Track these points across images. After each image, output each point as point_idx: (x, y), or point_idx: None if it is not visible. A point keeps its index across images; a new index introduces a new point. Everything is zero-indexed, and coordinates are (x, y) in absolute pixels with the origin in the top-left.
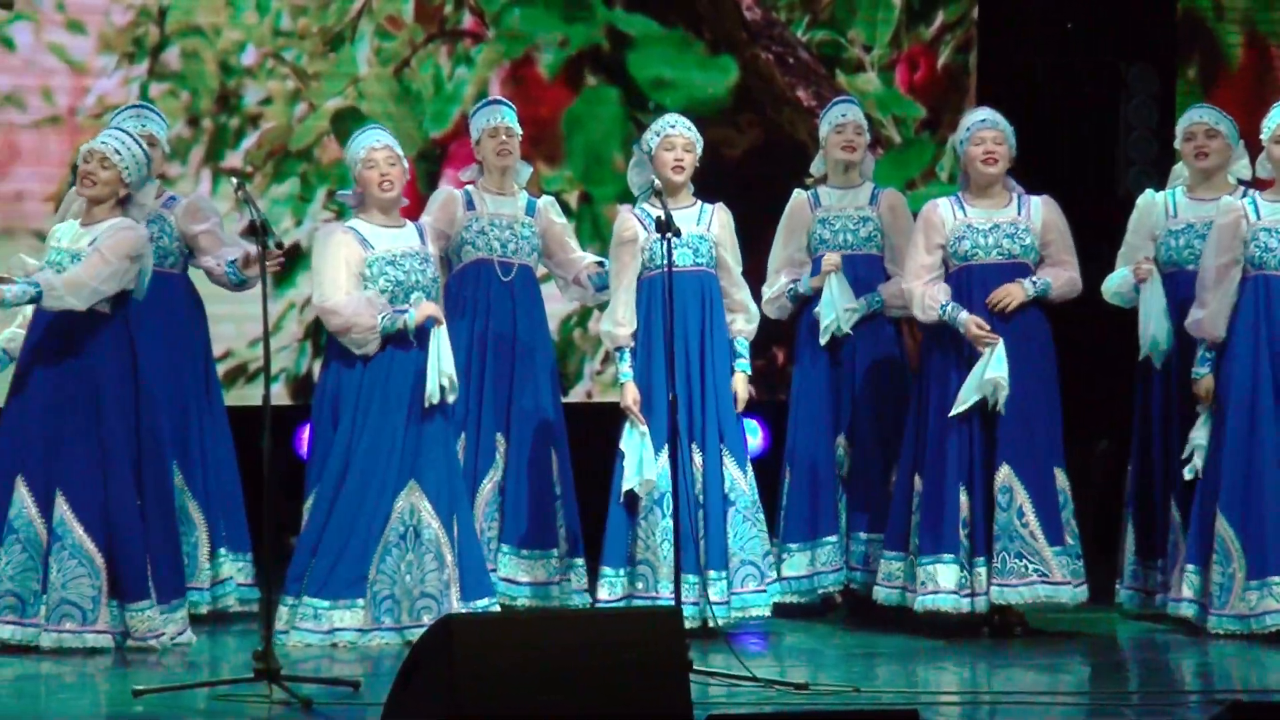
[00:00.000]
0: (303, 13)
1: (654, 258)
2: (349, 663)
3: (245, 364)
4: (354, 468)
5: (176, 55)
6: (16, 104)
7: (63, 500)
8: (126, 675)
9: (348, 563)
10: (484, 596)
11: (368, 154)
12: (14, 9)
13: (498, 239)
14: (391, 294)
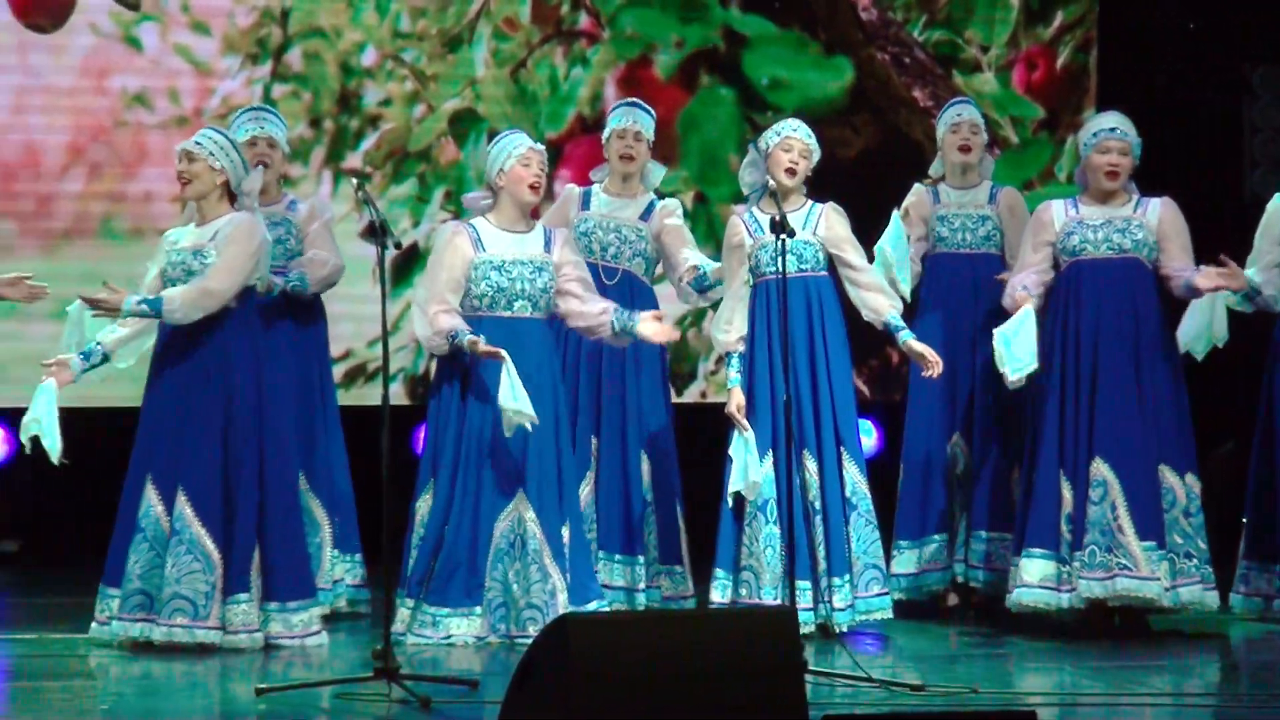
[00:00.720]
0: (422, 14)
1: (759, 264)
2: (467, 662)
3: (364, 364)
4: (467, 474)
5: (298, 56)
6: (145, 104)
7: (184, 496)
8: (250, 674)
9: (464, 570)
10: (592, 600)
11: (527, 153)
12: (140, 9)
13: (600, 242)
14: (491, 299)
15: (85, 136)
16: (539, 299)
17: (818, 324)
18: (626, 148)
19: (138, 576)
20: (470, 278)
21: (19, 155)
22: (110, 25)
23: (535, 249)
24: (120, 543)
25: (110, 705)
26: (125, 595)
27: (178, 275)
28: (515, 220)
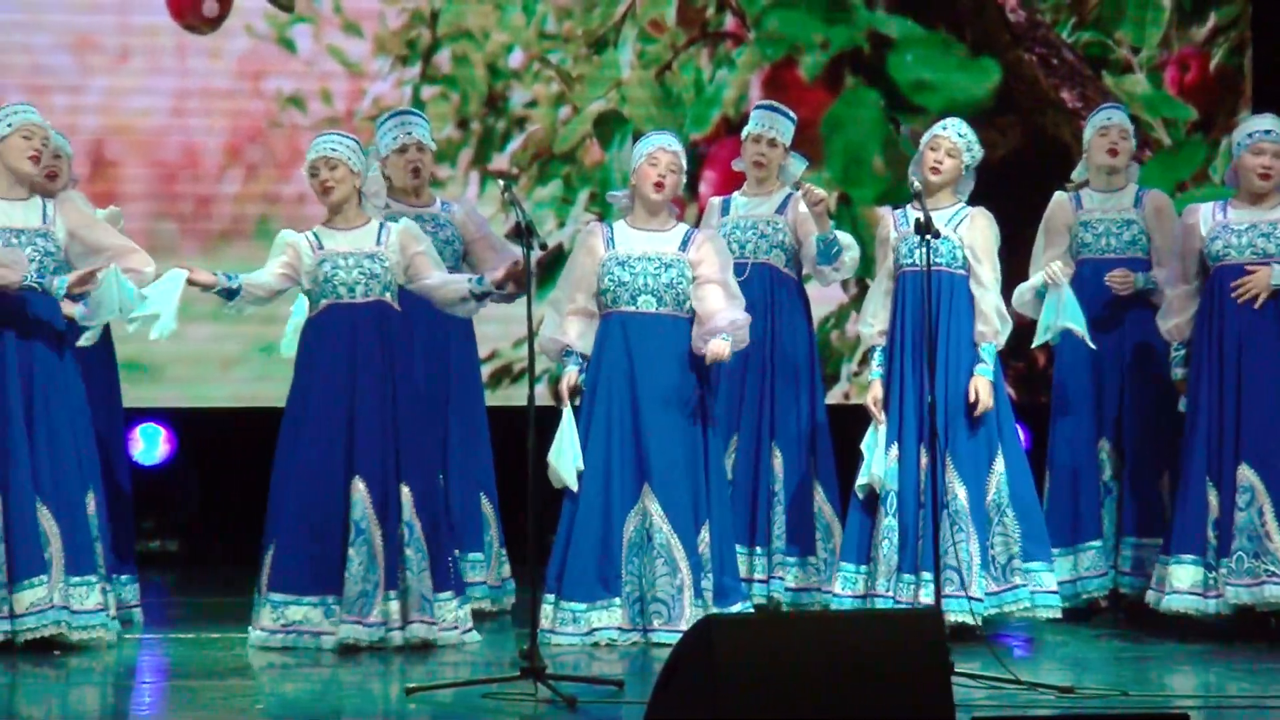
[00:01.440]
0: (568, 16)
1: (899, 257)
2: (611, 662)
3: (510, 364)
4: (598, 469)
5: (447, 58)
6: (298, 106)
7: (408, 494)
8: (402, 673)
9: (600, 564)
10: (736, 601)
11: (655, 152)
12: (294, 11)
13: (737, 240)
14: (614, 294)
15: (242, 138)
16: (664, 294)
17: (945, 321)
18: (759, 154)
19: (361, 579)
20: (598, 274)
21: (178, 156)
22: (265, 27)
23: (668, 246)
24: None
25: (267, 704)
26: (348, 600)
27: (355, 280)
28: (648, 219)
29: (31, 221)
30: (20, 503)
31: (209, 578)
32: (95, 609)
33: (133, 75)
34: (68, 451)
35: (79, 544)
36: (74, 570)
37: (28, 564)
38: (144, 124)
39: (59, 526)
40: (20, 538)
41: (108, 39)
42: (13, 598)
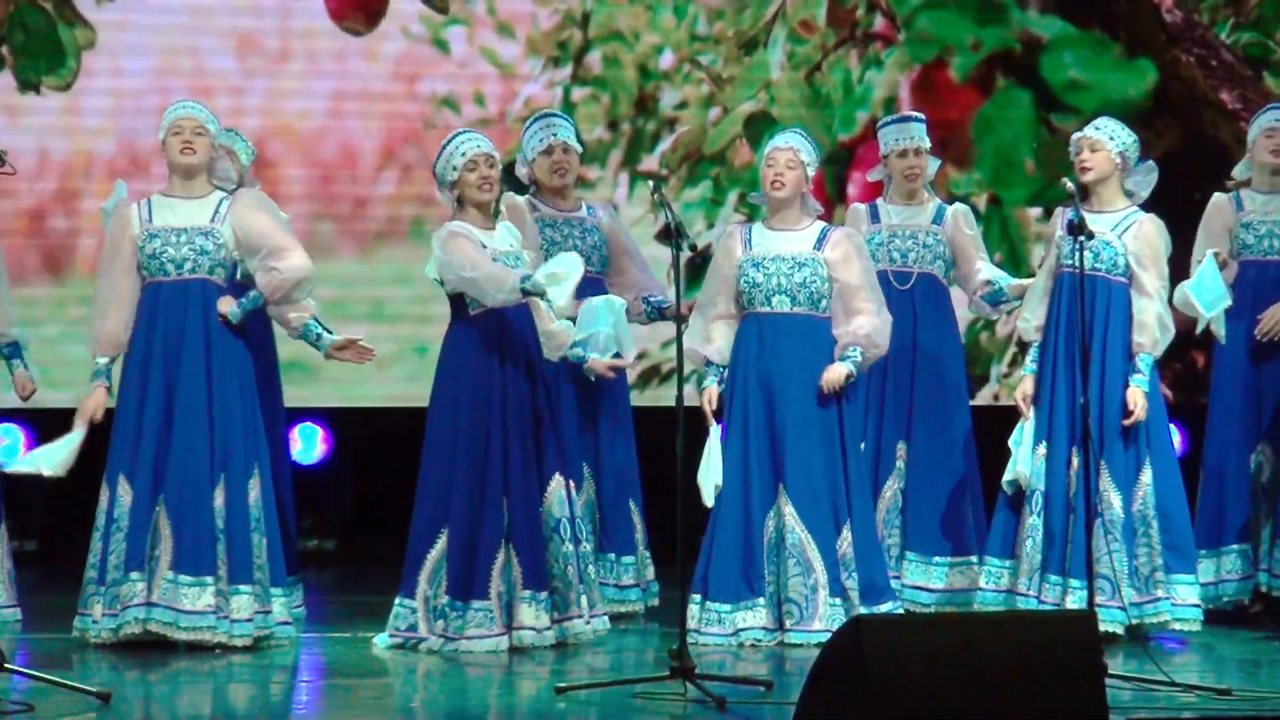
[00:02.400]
0: (719, 17)
1: (1061, 256)
2: (755, 661)
3: (659, 365)
4: (737, 470)
5: (598, 60)
6: (452, 107)
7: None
8: (551, 673)
9: (743, 564)
10: (885, 601)
11: (770, 153)
12: (449, 13)
13: (897, 249)
14: (750, 296)
15: (397, 139)
16: (798, 294)
17: (1101, 326)
18: (911, 167)
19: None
20: (736, 277)
21: (336, 157)
22: (420, 29)
23: (803, 245)
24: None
25: (420, 702)
26: (559, 598)
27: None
28: (781, 218)
29: (199, 220)
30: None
31: (365, 577)
32: (204, 610)
33: (292, 77)
34: (202, 453)
35: (196, 544)
36: (183, 569)
37: (134, 560)
38: (302, 125)
39: (171, 527)
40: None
41: (269, 41)
42: (119, 591)
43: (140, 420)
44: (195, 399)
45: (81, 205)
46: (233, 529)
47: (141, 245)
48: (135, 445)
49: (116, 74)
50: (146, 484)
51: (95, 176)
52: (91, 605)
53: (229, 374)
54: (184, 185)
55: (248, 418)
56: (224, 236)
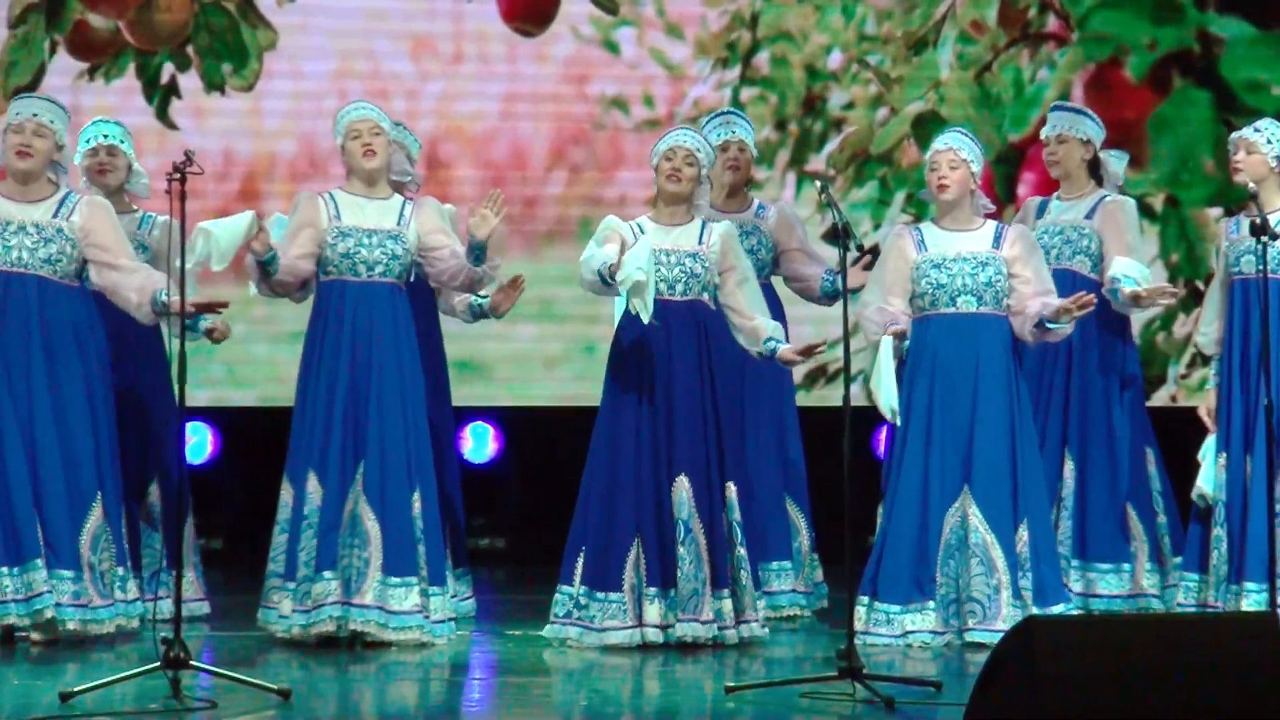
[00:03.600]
0: (887, 17)
1: (1229, 264)
2: (924, 662)
3: (825, 365)
4: (917, 470)
5: (766, 60)
6: (620, 108)
7: (733, 494)
8: (718, 672)
9: (915, 566)
10: (1057, 603)
11: (933, 157)
12: (618, 14)
13: (1046, 246)
14: (932, 297)
15: (566, 140)
16: (984, 293)
17: (1276, 329)
18: (1049, 154)
19: (692, 576)
20: (913, 278)
21: (507, 157)
22: (590, 30)
23: (981, 245)
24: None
25: (590, 701)
26: (683, 598)
27: (676, 277)
28: (958, 219)
29: (385, 223)
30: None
31: (535, 575)
32: (411, 610)
33: (465, 79)
34: (399, 455)
35: (401, 546)
36: (392, 571)
37: (402, 566)
38: (474, 127)
39: (380, 528)
40: (330, 532)
41: (443, 44)
42: (313, 589)
43: (329, 419)
44: (391, 403)
45: (264, 206)
46: (428, 530)
47: (332, 242)
48: (324, 444)
49: (297, 76)
50: (337, 483)
51: (277, 177)
52: (278, 600)
53: (415, 376)
54: (365, 187)
55: (430, 420)
56: (409, 241)
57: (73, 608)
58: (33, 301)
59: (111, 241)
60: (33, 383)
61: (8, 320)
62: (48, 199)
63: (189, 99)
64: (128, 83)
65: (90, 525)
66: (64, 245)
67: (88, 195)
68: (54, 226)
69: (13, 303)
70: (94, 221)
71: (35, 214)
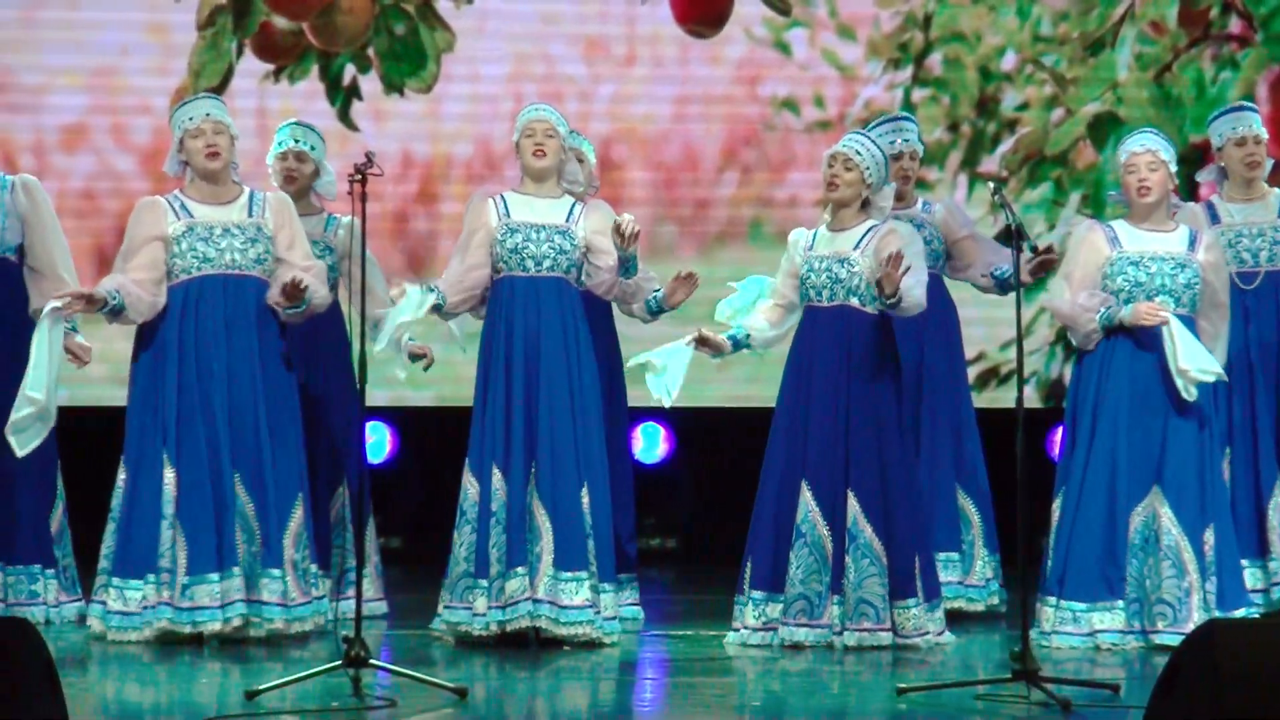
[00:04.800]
0: (1063, 18)
1: None
2: (1110, 665)
3: (997, 366)
4: (1103, 468)
5: (938, 61)
6: (792, 109)
7: (855, 502)
8: (890, 674)
9: (1103, 564)
10: (1241, 607)
11: (1128, 160)
12: (791, 15)
13: (1246, 249)
14: (1129, 294)
15: (737, 141)
16: (1182, 295)
17: None
18: (1249, 155)
19: (800, 582)
20: (1107, 274)
21: (679, 159)
22: (763, 31)
23: (1178, 247)
24: (769, 546)
25: (763, 702)
26: (789, 600)
27: (823, 284)
28: (1154, 220)
29: (554, 219)
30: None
31: (707, 575)
32: (581, 605)
33: (637, 81)
34: (569, 451)
35: (571, 541)
36: (563, 566)
37: (516, 556)
38: (646, 128)
39: (552, 523)
40: (515, 530)
41: (616, 46)
42: (505, 586)
43: (509, 413)
44: (561, 397)
45: (441, 208)
46: (597, 527)
47: (501, 239)
48: (506, 438)
49: (474, 78)
50: (520, 478)
51: (453, 179)
52: (472, 598)
53: (585, 371)
54: (536, 186)
55: (601, 416)
56: (577, 238)
57: (278, 606)
58: (250, 304)
59: (290, 239)
60: (255, 386)
61: (234, 324)
62: (238, 199)
63: (369, 101)
64: (311, 85)
65: (294, 524)
66: (265, 244)
67: (271, 191)
68: (253, 226)
69: (235, 306)
70: (280, 219)
71: (232, 215)
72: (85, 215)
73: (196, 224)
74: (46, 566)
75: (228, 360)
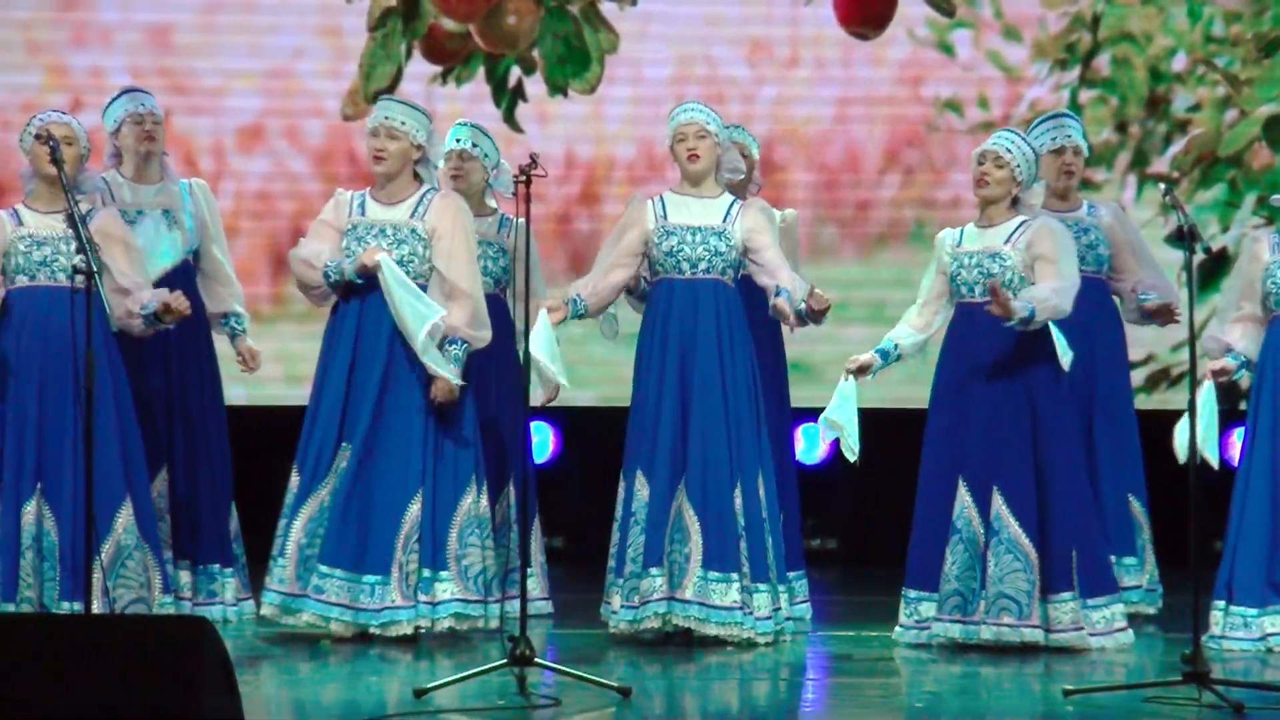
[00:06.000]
0: (1236, 19)
1: None
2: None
3: (1168, 368)
4: (1265, 470)
5: (1107, 62)
6: (955, 110)
7: (999, 497)
8: (1055, 675)
9: (1269, 567)
10: None
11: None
12: (955, 16)
13: None
14: (1278, 298)
15: (900, 142)
16: None
17: None
18: None
19: (955, 578)
20: (1263, 279)
21: (840, 161)
22: (926, 32)
23: None
24: (924, 545)
25: (925, 703)
26: (943, 597)
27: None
28: None
29: (712, 219)
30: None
31: (869, 576)
32: (731, 606)
33: (800, 83)
34: (721, 451)
35: (722, 541)
36: (712, 566)
37: (655, 556)
38: (808, 130)
39: (700, 524)
40: (658, 530)
41: (779, 48)
42: (640, 585)
43: (658, 416)
44: (714, 399)
45: (604, 209)
46: (750, 527)
47: (658, 241)
48: (653, 440)
49: (637, 80)
50: (664, 479)
51: (616, 180)
52: (611, 595)
53: (740, 373)
54: (694, 186)
55: (758, 417)
56: (734, 238)
57: (376, 610)
58: (385, 303)
59: (448, 249)
60: (382, 384)
61: (364, 322)
62: (407, 199)
63: (533, 103)
64: (477, 87)
65: (406, 527)
66: (416, 245)
67: (445, 191)
68: (408, 227)
69: (369, 304)
70: (442, 220)
71: (395, 215)
72: (261, 216)
73: (360, 223)
74: (225, 566)
75: (364, 358)
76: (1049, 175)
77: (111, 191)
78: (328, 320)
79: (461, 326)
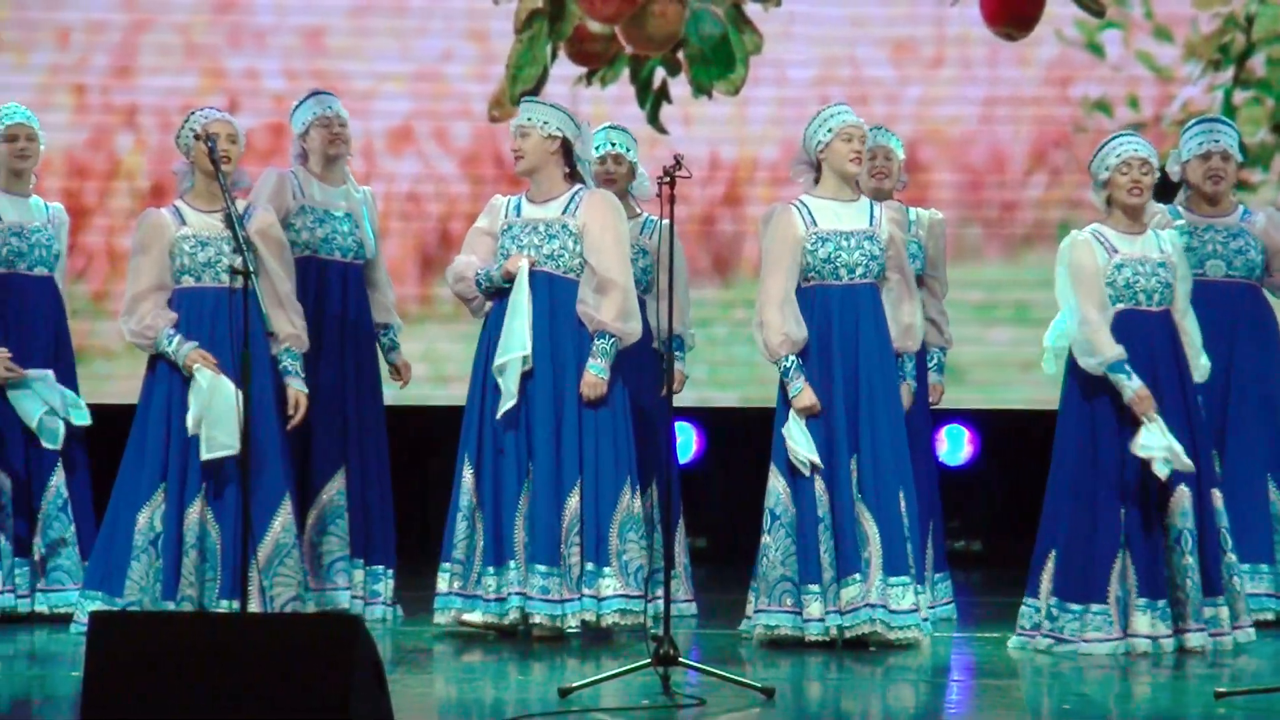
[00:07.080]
0: None
1: None
2: None
3: None
4: None
5: (1261, 62)
6: (1104, 110)
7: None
8: (1206, 677)
9: None
10: None
11: None
12: (1105, 16)
13: None
14: None
15: (1047, 143)
16: None
17: None
18: None
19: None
20: None
21: (985, 161)
22: (1074, 32)
23: None
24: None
25: (1072, 705)
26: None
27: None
28: None
29: (860, 224)
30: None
31: (1013, 578)
32: (909, 609)
33: (945, 83)
34: (888, 454)
35: (895, 544)
36: (891, 570)
37: (849, 562)
38: (953, 130)
39: (877, 527)
40: (845, 536)
41: (924, 48)
42: (840, 593)
43: (829, 419)
44: (882, 403)
45: (747, 210)
46: (912, 529)
47: (812, 249)
48: (829, 444)
49: (780, 81)
50: (845, 484)
51: (759, 181)
52: (807, 602)
53: (893, 376)
54: (837, 189)
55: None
56: (883, 239)
57: (543, 602)
58: (543, 296)
59: (598, 243)
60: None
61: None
62: (559, 197)
63: (678, 104)
64: (621, 89)
65: (566, 521)
66: (566, 240)
67: (597, 189)
68: (560, 223)
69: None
70: (592, 218)
71: (547, 213)
72: (409, 218)
73: (515, 223)
74: (389, 567)
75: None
76: (1196, 179)
77: (301, 187)
78: (484, 324)
79: (610, 321)
